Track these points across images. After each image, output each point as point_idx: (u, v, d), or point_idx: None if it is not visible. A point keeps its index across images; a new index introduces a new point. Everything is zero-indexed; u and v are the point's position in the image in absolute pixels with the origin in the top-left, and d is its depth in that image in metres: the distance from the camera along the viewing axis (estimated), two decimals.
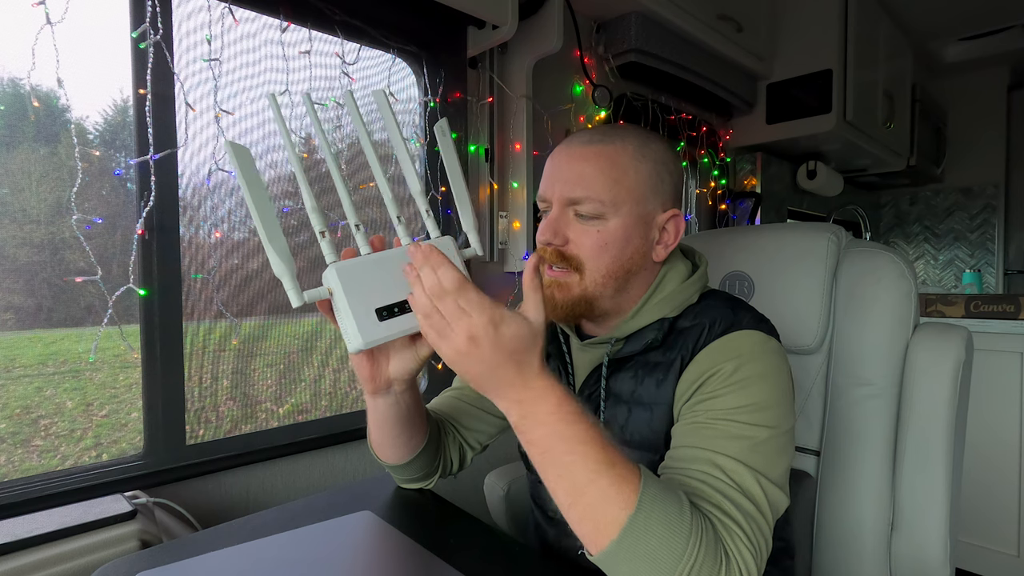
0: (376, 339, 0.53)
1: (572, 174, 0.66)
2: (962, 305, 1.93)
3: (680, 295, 0.69)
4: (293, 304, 0.51)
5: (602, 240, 0.66)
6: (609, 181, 0.65)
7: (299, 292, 0.52)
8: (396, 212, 0.57)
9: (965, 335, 0.83)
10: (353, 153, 1.30)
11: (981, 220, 3.40)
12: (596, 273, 0.67)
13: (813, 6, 2.13)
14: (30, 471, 0.93)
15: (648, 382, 0.67)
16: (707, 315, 0.67)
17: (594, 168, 0.66)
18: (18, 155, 0.94)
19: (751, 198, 2.39)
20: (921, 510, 0.81)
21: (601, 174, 0.65)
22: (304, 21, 1.15)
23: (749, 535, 0.51)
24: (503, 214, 1.50)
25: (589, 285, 0.67)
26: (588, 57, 1.69)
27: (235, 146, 0.49)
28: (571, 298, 0.67)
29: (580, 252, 0.67)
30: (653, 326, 0.68)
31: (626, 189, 0.66)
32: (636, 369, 0.69)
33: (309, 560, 0.60)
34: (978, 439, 1.78)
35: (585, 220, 0.66)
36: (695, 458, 0.56)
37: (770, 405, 0.59)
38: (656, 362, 0.67)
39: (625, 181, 0.66)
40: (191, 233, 1.04)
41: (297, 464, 1.16)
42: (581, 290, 0.67)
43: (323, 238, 0.53)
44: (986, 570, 1.81)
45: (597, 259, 0.66)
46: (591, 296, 0.67)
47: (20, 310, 0.96)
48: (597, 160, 0.66)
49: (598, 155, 0.66)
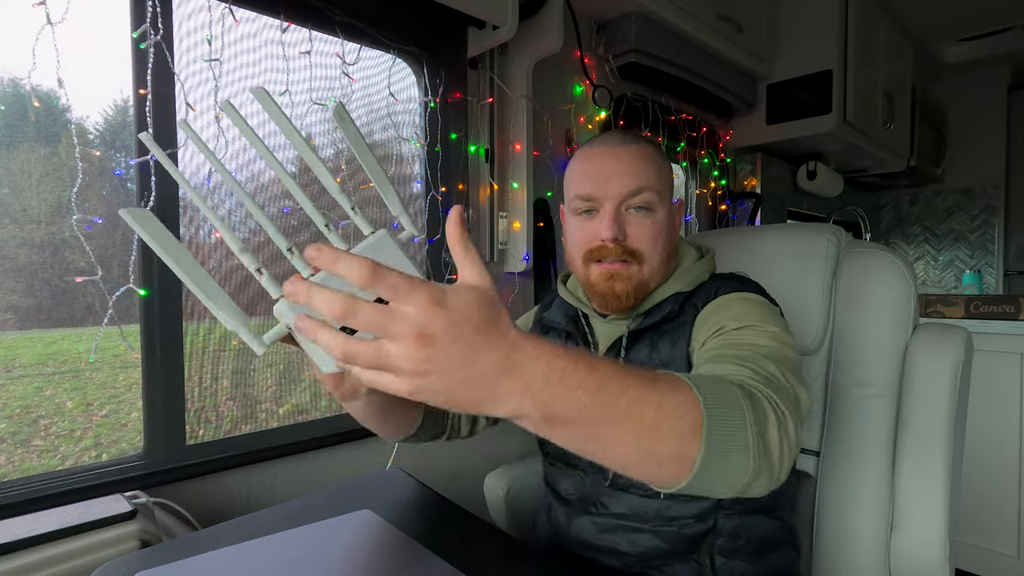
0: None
1: (626, 170, 0.73)
2: (962, 306, 1.93)
3: (694, 271, 0.77)
4: (256, 353, 0.48)
5: (656, 230, 0.74)
6: (657, 173, 0.74)
7: (259, 339, 0.48)
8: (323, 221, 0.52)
9: (965, 336, 0.83)
10: (353, 153, 1.30)
11: (981, 221, 3.40)
12: (654, 260, 0.74)
13: (813, 6, 2.13)
14: (30, 471, 0.93)
15: (662, 345, 0.73)
16: (716, 284, 0.75)
17: (643, 163, 0.73)
18: (18, 155, 0.94)
19: (751, 199, 2.39)
20: (921, 510, 0.81)
21: (650, 167, 0.74)
22: (304, 21, 1.15)
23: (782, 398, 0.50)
24: (503, 214, 1.50)
25: (647, 272, 0.74)
26: (588, 57, 1.68)
27: (134, 212, 0.43)
28: (632, 287, 0.74)
29: (641, 244, 0.73)
30: (670, 299, 0.75)
31: (665, 182, 0.75)
32: (652, 338, 0.75)
33: (309, 560, 0.60)
34: (978, 439, 1.78)
35: (640, 213, 0.73)
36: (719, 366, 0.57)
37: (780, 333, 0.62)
38: (669, 329, 0.74)
39: (663, 175, 0.75)
40: (191, 233, 1.04)
41: (297, 464, 1.16)
42: (640, 278, 0.74)
43: (260, 275, 0.49)
44: (986, 570, 1.81)
45: (655, 247, 0.74)
46: (649, 280, 0.75)
47: (20, 310, 0.96)
48: (642, 156, 0.74)
49: (640, 153, 0.74)
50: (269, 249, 1.15)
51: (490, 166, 1.47)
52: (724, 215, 2.36)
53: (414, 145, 1.42)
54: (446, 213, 1.38)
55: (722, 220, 2.35)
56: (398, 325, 0.35)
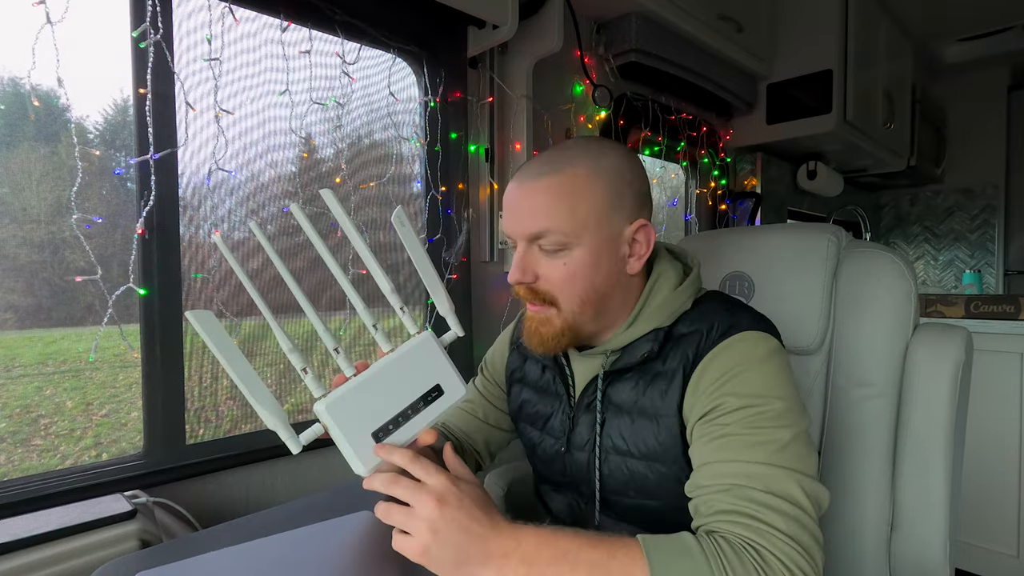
0: (377, 463, 0.55)
1: (529, 209, 0.65)
2: (962, 306, 1.93)
3: (672, 303, 0.69)
4: (293, 451, 0.53)
5: (570, 272, 0.65)
6: (567, 211, 0.64)
7: (296, 439, 0.53)
8: (372, 321, 0.57)
9: (965, 336, 0.83)
10: (353, 153, 1.30)
11: (981, 220, 3.40)
12: (571, 304, 0.66)
13: (813, 6, 2.13)
14: (30, 470, 0.93)
15: (651, 392, 0.66)
16: (704, 320, 0.66)
17: (550, 200, 0.64)
18: (18, 154, 0.94)
19: (751, 198, 2.39)
20: (921, 510, 0.81)
21: (558, 205, 0.64)
22: (304, 21, 1.15)
23: (789, 533, 0.50)
24: (503, 214, 1.50)
25: (568, 316, 0.67)
26: (588, 57, 1.68)
27: (197, 314, 0.48)
28: (554, 331, 0.67)
29: (551, 287, 0.66)
30: (648, 337, 0.68)
31: (585, 215, 0.64)
32: (636, 379, 0.68)
33: (309, 560, 0.60)
34: (978, 439, 1.78)
35: (551, 254, 0.65)
36: (724, 473, 0.56)
37: (784, 407, 0.58)
38: (657, 372, 0.66)
39: (583, 207, 0.64)
40: (191, 233, 1.04)
41: (297, 464, 1.16)
42: (561, 322, 0.67)
43: (306, 375, 0.54)
44: (986, 570, 1.81)
45: (569, 291, 0.66)
46: (572, 325, 0.67)
47: (20, 309, 0.96)
48: (550, 192, 0.64)
49: (550, 187, 0.64)
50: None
51: (490, 166, 1.47)
52: (724, 215, 2.36)
53: (414, 144, 1.42)
54: (447, 212, 1.39)
55: (722, 220, 2.35)
56: (422, 495, 0.52)
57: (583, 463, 0.71)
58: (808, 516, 0.53)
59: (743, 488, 0.54)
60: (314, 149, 1.24)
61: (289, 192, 1.18)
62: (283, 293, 1.05)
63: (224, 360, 0.49)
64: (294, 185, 1.19)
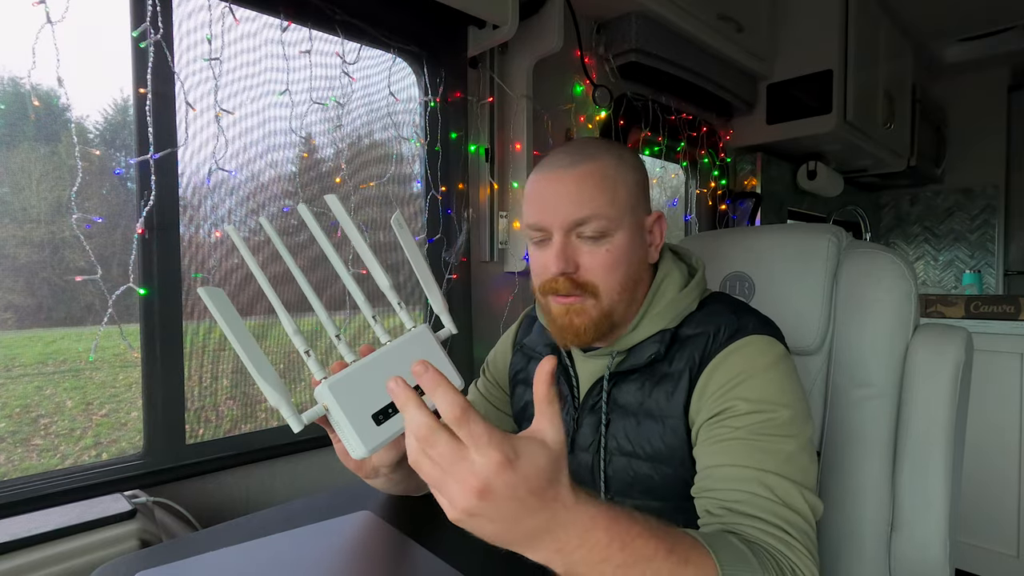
0: (377, 444, 0.54)
1: (569, 197, 0.64)
2: (962, 306, 1.93)
3: (678, 304, 0.68)
4: (294, 429, 0.52)
5: (613, 258, 0.65)
6: (608, 196, 0.64)
7: (298, 417, 0.53)
8: (371, 312, 0.58)
9: (965, 336, 0.83)
10: (353, 153, 1.30)
11: (981, 221, 3.40)
12: (612, 292, 0.66)
13: (813, 6, 2.13)
14: (30, 470, 0.93)
15: (657, 394, 0.66)
16: (711, 322, 0.66)
17: (591, 186, 0.64)
18: (18, 154, 0.94)
19: (751, 198, 2.39)
20: (921, 510, 0.81)
21: (599, 191, 0.64)
22: (304, 21, 1.15)
23: (807, 547, 0.53)
24: (503, 214, 1.50)
25: (606, 305, 0.66)
26: (588, 57, 1.68)
27: (209, 290, 0.49)
28: (591, 321, 0.66)
29: (593, 277, 0.65)
30: (654, 339, 0.68)
31: (624, 200, 0.66)
32: (642, 380, 0.68)
33: (309, 560, 0.60)
34: (978, 439, 1.78)
35: (592, 241, 0.65)
36: (737, 478, 0.56)
37: (791, 415, 0.59)
38: (664, 373, 0.66)
39: (621, 193, 0.65)
40: (191, 232, 1.04)
41: (297, 464, 1.16)
42: (599, 312, 0.66)
43: (308, 357, 0.55)
44: (986, 570, 1.81)
45: (612, 277, 0.65)
46: (609, 313, 0.66)
47: (20, 309, 0.96)
48: (591, 178, 0.64)
49: (591, 173, 0.65)
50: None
51: (490, 165, 1.47)
52: (724, 215, 2.36)
53: (414, 144, 1.42)
54: (447, 212, 1.39)
55: (722, 220, 2.35)
56: (463, 471, 0.37)
57: (587, 464, 0.72)
58: (814, 531, 0.55)
59: (761, 499, 0.55)
60: (314, 149, 1.24)
61: (289, 192, 1.18)
62: (286, 290, 1.05)
63: (232, 336, 0.50)
64: (294, 185, 1.19)
